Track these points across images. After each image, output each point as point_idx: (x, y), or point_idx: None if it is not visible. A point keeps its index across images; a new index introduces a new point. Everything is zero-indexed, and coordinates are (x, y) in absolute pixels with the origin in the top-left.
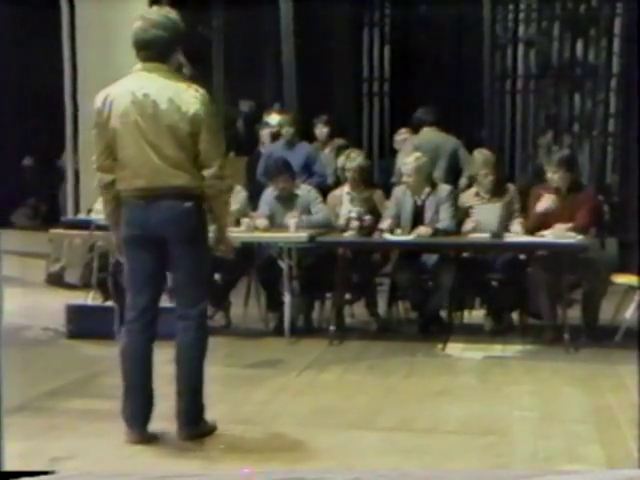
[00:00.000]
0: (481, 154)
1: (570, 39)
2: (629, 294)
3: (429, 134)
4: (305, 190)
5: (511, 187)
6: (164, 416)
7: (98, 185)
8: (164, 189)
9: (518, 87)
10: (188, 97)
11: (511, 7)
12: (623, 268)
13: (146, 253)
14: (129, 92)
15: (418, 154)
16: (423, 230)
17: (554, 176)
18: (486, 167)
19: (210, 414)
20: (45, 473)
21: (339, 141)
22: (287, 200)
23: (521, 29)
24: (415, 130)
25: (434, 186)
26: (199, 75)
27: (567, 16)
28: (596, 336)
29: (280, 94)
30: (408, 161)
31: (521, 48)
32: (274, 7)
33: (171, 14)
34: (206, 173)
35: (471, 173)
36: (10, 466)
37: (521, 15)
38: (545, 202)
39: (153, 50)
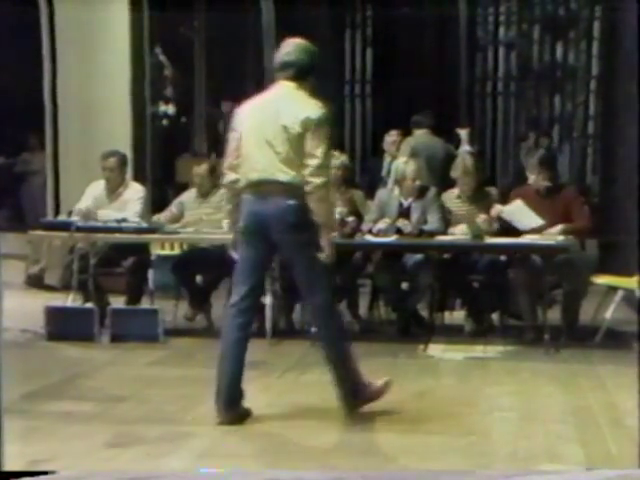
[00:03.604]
0: (462, 158)
1: (550, 42)
2: (609, 295)
3: (424, 137)
4: None
5: (493, 191)
6: (142, 419)
7: (223, 183)
8: (272, 183)
9: (499, 89)
10: (304, 105)
11: (491, 10)
12: (603, 269)
13: (254, 244)
14: (261, 102)
15: (407, 158)
16: (403, 222)
17: (533, 177)
18: (466, 172)
19: (190, 417)
20: (45, 473)
21: None
22: None
23: (502, 31)
24: (406, 132)
25: (422, 188)
26: (180, 75)
27: (547, 19)
28: (576, 336)
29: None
30: (407, 164)
31: (502, 50)
32: (256, 8)
33: (309, 44)
34: (305, 171)
35: (452, 177)
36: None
37: (501, 18)
38: (494, 210)
39: (291, 71)
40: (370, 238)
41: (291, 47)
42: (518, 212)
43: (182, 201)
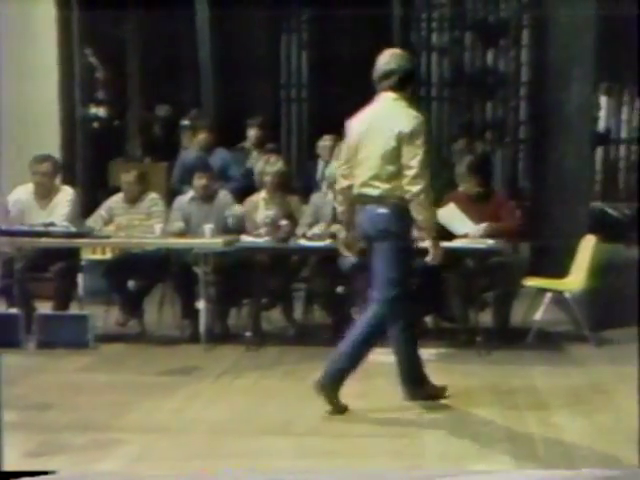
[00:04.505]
0: None
1: (482, 48)
2: (538, 297)
3: None
4: (222, 195)
5: None
6: (69, 427)
7: (337, 189)
8: (368, 196)
9: (433, 94)
10: (399, 119)
11: (425, 15)
12: (533, 271)
13: (368, 248)
14: (365, 115)
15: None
16: (337, 227)
17: (464, 184)
18: None
19: (120, 423)
20: (45, 473)
21: (270, 145)
22: (204, 203)
23: (435, 37)
24: (341, 137)
25: None
26: (113, 77)
27: (478, 25)
28: (508, 338)
29: (198, 99)
30: (335, 170)
31: (435, 56)
32: (190, 10)
33: (407, 53)
34: (403, 182)
35: None
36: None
37: (434, 23)
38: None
39: (392, 80)
40: (305, 242)
41: (390, 56)
42: (451, 216)
43: (110, 206)
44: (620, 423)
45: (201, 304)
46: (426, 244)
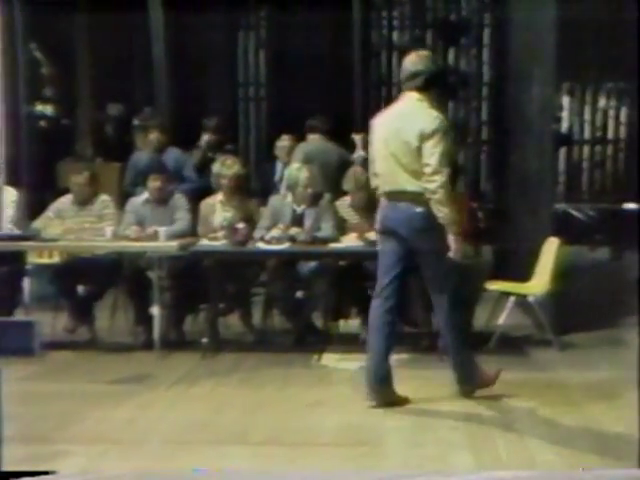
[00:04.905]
0: (353, 172)
1: (443, 47)
2: (502, 301)
3: (318, 142)
4: (176, 197)
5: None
6: (10, 439)
7: (372, 185)
8: (401, 193)
9: (394, 94)
10: (421, 118)
11: (385, 14)
12: (496, 275)
13: (388, 244)
14: (389, 115)
15: (301, 164)
16: (296, 230)
17: None
18: (359, 187)
19: (66, 435)
20: (45, 473)
21: (227, 146)
22: (156, 205)
23: (395, 36)
24: (299, 137)
25: (316, 195)
26: (61, 75)
27: (439, 24)
28: (470, 343)
29: (151, 98)
30: (300, 170)
31: (396, 55)
32: (144, 6)
33: (433, 55)
34: (422, 179)
35: (345, 189)
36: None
37: (395, 22)
38: None
39: (418, 81)
40: (263, 246)
41: (417, 58)
42: None
43: (58, 207)
44: (583, 428)
45: (155, 310)
46: (449, 241)
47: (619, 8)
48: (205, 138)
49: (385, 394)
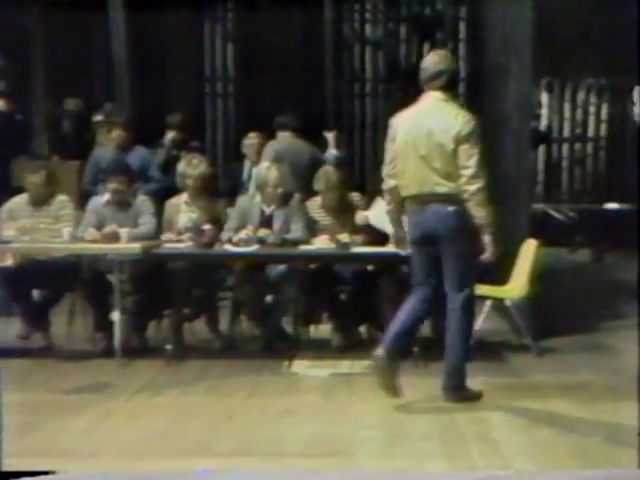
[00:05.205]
0: (324, 172)
1: (417, 42)
2: (478, 304)
3: (288, 140)
4: (140, 199)
5: (356, 198)
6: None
7: (384, 188)
8: (432, 195)
9: (367, 90)
10: (455, 120)
11: (357, 7)
12: None
13: (423, 248)
14: (414, 115)
15: (270, 163)
16: (265, 231)
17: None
18: (329, 187)
19: (19, 447)
20: (45, 473)
21: (193, 144)
22: (119, 207)
23: (368, 30)
24: (268, 135)
25: (286, 195)
26: (13, 68)
27: (413, 18)
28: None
29: (111, 92)
30: (269, 169)
31: (369, 50)
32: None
33: (450, 54)
34: (460, 181)
35: (315, 189)
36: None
37: (367, 15)
38: (359, 218)
39: (442, 80)
40: (230, 248)
41: (438, 57)
42: (383, 214)
43: (12, 207)
44: (561, 436)
45: (116, 315)
46: (484, 241)
47: (598, 1)
48: (169, 136)
49: (460, 395)
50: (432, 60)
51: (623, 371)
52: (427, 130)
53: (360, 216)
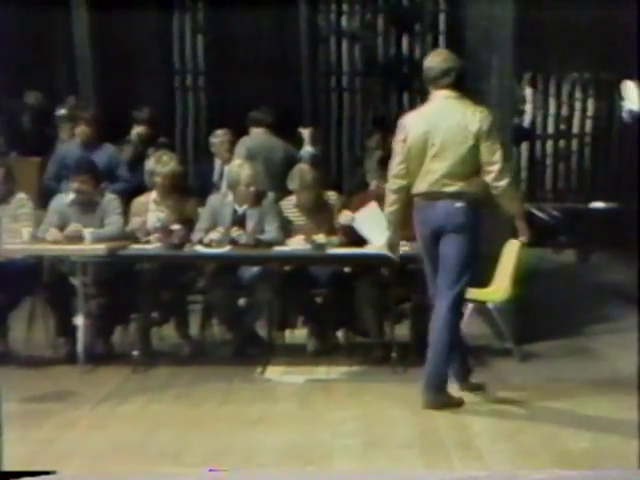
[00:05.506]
0: (299, 171)
1: (395, 34)
2: None
3: (261, 137)
4: (107, 199)
5: (333, 197)
6: None
7: (390, 188)
8: (442, 193)
9: (344, 84)
10: (473, 116)
11: None
12: None
13: (433, 244)
14: (426, 115)
15: (242, 160)
16: (238, 232)
17: (374, 182)
18: (304, 186)
19: None
20: (46, 473)
21: (162, 140)
22: (84, 207)
23: (344, 21)
24: (241, 131)
25: (259, 194)
26: None
27: (390, 10)
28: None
29: (75, 86)
30: (241, 167)
31: (345, 42)
32: None
33: (452, 52)
34: (488, 178)
35: (290, 188)
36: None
37: (344, 6)
38: (343, 217)
39: (451, 78)
40: (201, 249)
41: (443, 55)
42: (370, 221)
43: None
44: (544, 444)
45: (79, 319)
46: (518, 225)
47: None
48: (136, 131)
49: (440, 398)
50: (437, 59)
51: (608, 376)
52: (443, 129)
53: (345, 215)
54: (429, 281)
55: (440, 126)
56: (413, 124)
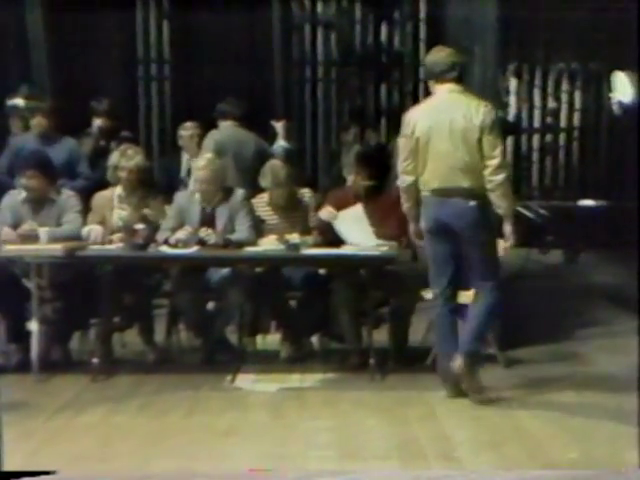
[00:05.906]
0: (271, 167)
1: (373, 22)
2: None
3: (231, 130)
4: (65, 196)
5: (308, 194)
6: None
7: (400, 185)
8: (454, 190)
9: (319, 75)
10: (477, 110)
11: None
12: None
13: (441, 241)
14: (432, 109)
15: (210, 155)
16: (207, 231)
17: (351, 178)
18: (277, 183)
19: None
20: (46, 473)
21: (125, 134)
22: (39, 205)
23: (319, 9)
24: (209, 124)
25: (228, 191)
26: None
27: None
28: (405, 360)
29: (28, 74)
30: (202, 164)
31: (320, 31)
32: None
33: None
34: (485, 172)
35: (262, 185)
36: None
37: None
38: (324, 213)
39: (455, 72)
40: (167, 250)
41: (446, 50)
42: (352, 223)
43: None
44: (532, 459)
45: (33, 325)
46: (505, 230)
47: None
48: (96, 124)
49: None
50: (442, 54)
51: (597, 383)
52: (449, 123)
53: (326, 212)
54: (432, 280)
55: (446, 120)
56: (419, 119)
